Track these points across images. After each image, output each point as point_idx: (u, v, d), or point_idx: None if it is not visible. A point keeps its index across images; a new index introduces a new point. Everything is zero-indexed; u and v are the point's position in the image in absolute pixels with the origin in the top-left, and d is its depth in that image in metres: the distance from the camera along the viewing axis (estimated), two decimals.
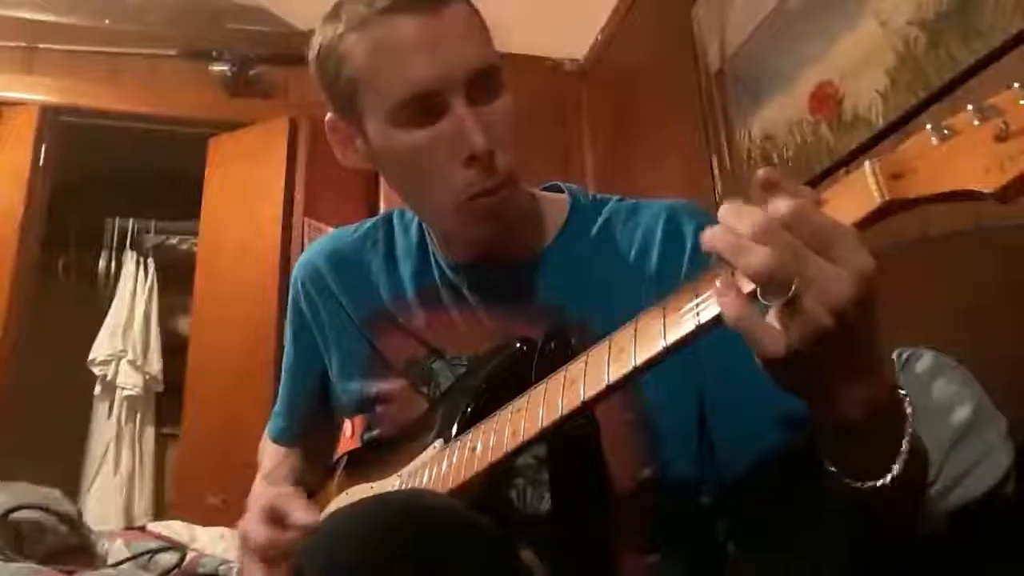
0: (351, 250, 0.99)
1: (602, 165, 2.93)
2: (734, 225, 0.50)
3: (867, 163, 0.50)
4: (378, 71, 0.79)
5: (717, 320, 0.54)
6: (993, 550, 0.96)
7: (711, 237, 0.51)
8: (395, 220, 1.00)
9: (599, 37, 2.97)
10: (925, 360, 1.10)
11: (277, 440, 1.08)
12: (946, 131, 0.48)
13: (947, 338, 1.16)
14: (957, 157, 0.47)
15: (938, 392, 1.06)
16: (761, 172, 0.51)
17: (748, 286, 0.51)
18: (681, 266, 0.83)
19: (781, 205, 0.49)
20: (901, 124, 1.39)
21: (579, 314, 0.83)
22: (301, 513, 0.81)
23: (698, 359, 0.80)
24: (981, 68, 1.22)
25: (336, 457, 0.98)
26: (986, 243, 1.17)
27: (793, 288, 0.48)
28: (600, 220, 0.91)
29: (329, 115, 0.89)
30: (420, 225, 0.96)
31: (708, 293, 0.55)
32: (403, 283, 0.94)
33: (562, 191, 0.97)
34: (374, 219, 1.02)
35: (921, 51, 1.34)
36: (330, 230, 1.07)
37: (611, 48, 2.92)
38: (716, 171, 2.05)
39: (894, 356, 1.13)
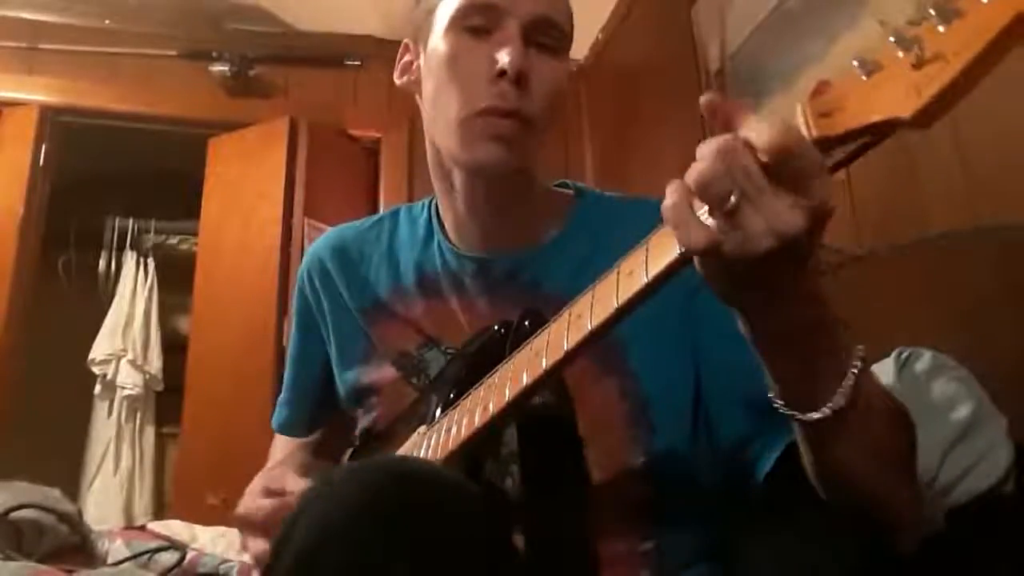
0: (356, 242, 1.01)
1: (602, 164, 2.93)
2: (706, 143, 0.52)
3: (798, 105, 0.51)
4: None
5: (664, 274, 0.55)
6: (993, 550, 0.96)
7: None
8: (402, 214, 1.02)
9: (599, 37, 2.97)
10: (925, 360, 1.10)
11: (281, 430, 1.08)
12: (871, 65, 0.48)
13: (947, 338, 1.16)
14: (879, 88, 0.47)
15: (938, 392, 1.06)
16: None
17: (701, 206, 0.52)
18: None
19: (750, 129, 0.50)
20: None
21: None
22: (294, 481, 0.81)
23: (698, 351, 0.81)
24: None
25: (346, 454, 0.98)
26: (985, 243, 1.17)
27: (731, 201, 0.49)
28: (605, 214, 0.92)
29: (405, 40, 0.95)
30: (428, 217, 0.97)
31: (656, 246, 0.57)
32: (404, 272, 0.95)
33: (568, 188, 0.98)
34: (383, 213, 1.05)
35: None
36: (329, 230, 1.07)
37: (611, 48, 2.92)
38: None
39: (893, 356, 1.13)
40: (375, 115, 3.09)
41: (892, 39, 0.47)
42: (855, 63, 0.49)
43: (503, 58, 0.80)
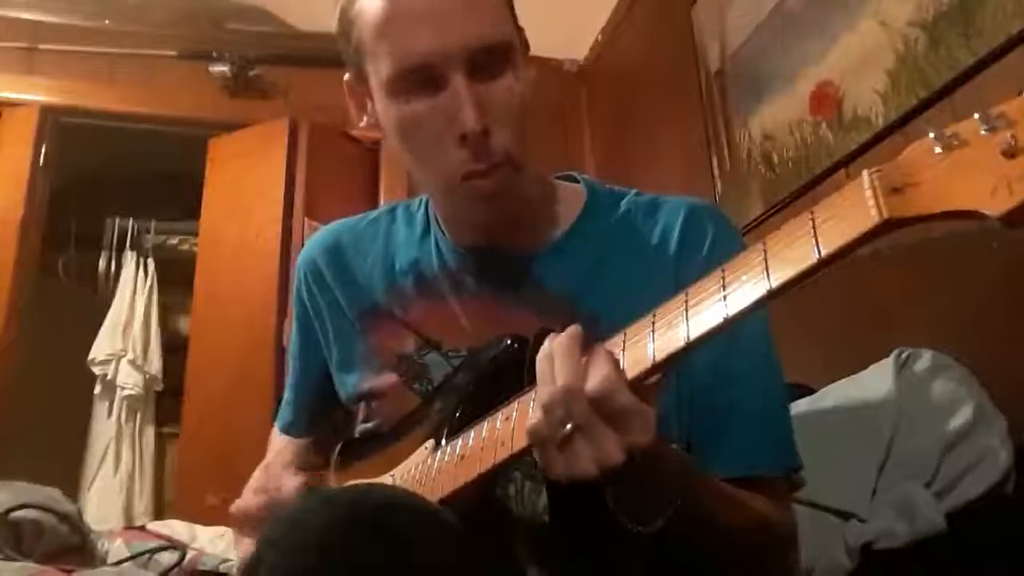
0: (351, 243, 0.98)
1: (602, 165, 2.93)
2: (552, 369, 0.59)
3: (865, 174, 0.47)
4: (380, 39, 0.78)
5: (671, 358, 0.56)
6: (993, 550, 0.96)
7: (544, 355, 0.61)
8: (399, 212, 0.99)
9: (599, 37, 2.97)
10: (925, 360, 1.10)
11: (285, 431, 1.07)
12: (951, 139, 0.43)
13: (947, 338, 1.16)
14: (962, 171, 0.42)
15: (938, 392, 1.06)
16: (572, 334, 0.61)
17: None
18: (699, 267, 0.80)
19: (594, 378, 0.57)
20: (901, 124, 1.39)
21: (592, 308, 0.82)
22: (289, 479, 0.82)
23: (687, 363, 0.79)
24: (981, 68, 1.22)
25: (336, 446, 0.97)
26: (986, 243, 1.17)
27: (564, 432, 0.57)
28: (618, 213, 0.89)
29: (346, 76, 0.88)
30: (426, 213, 0.95)
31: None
32: (401, 273, 0.93)
33: (576, 181, 0.94)
34: (380, 210, 1.02)
35: (921, 51, 1.34)
36: (324, 228, 1.05)
37: (611, 48, 2.92)
38: (716, 171, 2.05)
39: (893, 356, 1.13)
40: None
41: (976, 115, 0.42)
42: (931, 134, 0.44)
43: (461, 124, 0.75)
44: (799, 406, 1.18)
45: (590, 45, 3.02)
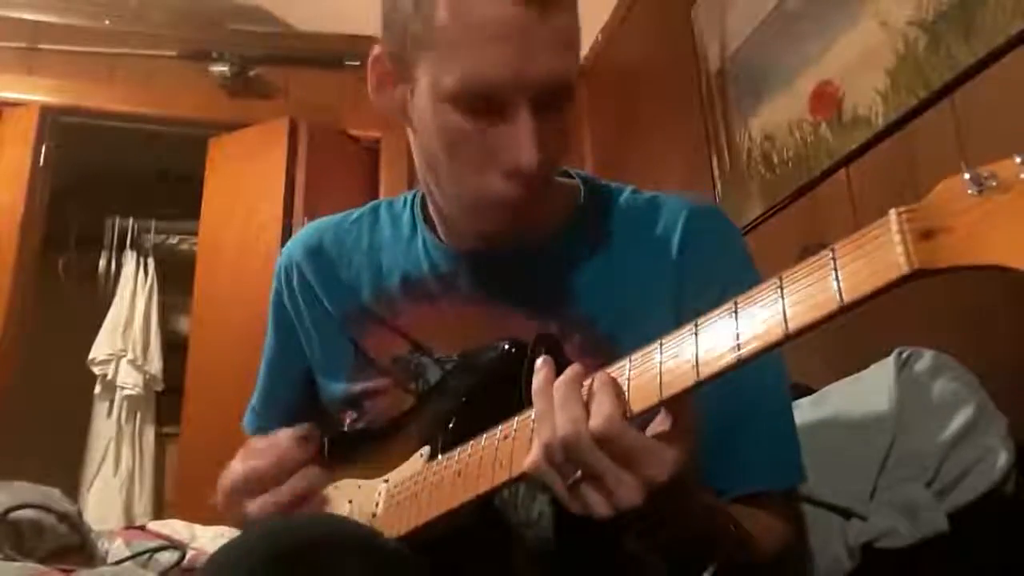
0: (334, 243, 0.94)
1: (602, 165, 2.93)
2: (549, 408, 0.56)
3: (892, 214, 0.42)
4: (452, 40, 0.70)
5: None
6: (993, 550, 0.96)
7: (540, 390, 0.58)
8: (383, 210, 0.95)
9: (599, 37, 2.97)
10: (926, 359, 1.10)
11: (255, 435, 1.02)
12: (988, 180, 0.39)
13: (948, 337, 1.16)
14: (1001, 220, 0.38)
15: (938, 392, 1.06)
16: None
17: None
18: (703, 270, 0.79)
19: (598, 416, 0.54)
20: (901, 124, 1.39)
21: (588, 311, 0.80)
22: (286, 433, 0.78)
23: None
24: (981, 68, 1.22)
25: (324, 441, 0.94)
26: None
27: (575, 477, 0.55)
28: (616, 210, 0.86)
29: (378, 48, 0.79)
30: (412, 212, 0.91)
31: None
32: (387, 276, 0.89)
33: (570, 176, 0.90)
34: (362, 209, 0.98)
35: (921, 51, 1.34)
36: (305, 228, 1.02)
37: (611, 48, 2.92)
38: (716, 171, 2.05)
39: (894, 356, 1.13)
40: (375, 115, 3.05)
41: (1018, 159, 0.38)
42: (966, 174, 0.40)
43: (519, 160, 0.71)
44: (799, 406, 1.17)
45: (590, 45, 3.02)
